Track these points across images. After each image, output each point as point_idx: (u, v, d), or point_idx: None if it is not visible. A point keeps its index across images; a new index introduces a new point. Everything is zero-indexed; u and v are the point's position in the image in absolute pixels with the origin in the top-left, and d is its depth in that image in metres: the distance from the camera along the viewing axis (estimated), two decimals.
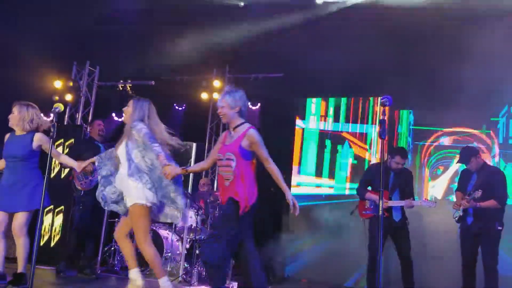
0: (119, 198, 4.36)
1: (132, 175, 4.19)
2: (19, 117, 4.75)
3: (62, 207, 7.27)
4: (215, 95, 8.48)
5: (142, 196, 4.15)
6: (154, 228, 6.99)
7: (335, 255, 7.20)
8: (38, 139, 4.75)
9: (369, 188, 5.90)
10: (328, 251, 7.35)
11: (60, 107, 4.34)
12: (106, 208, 4.44)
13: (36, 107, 4.87)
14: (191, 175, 6.97)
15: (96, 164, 4.51)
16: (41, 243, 7.15)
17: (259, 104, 8.48)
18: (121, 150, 4.31)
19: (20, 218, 4.58)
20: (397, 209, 5.70)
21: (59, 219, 7.33)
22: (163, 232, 6.98)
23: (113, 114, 8.48)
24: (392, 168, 5.73)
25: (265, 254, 7.40)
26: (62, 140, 7.60)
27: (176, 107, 9.03)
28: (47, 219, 7.30)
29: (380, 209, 3.65)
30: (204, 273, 6.55)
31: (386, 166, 5.72)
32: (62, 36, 8.04)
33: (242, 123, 4.01)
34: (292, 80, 8.08)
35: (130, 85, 8.47)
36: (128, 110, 4.42)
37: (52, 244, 7.29)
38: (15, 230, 4.58)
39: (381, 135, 3.66)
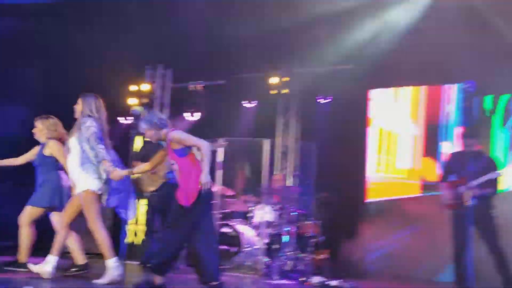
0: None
1: (82, 164, 4.66)
2: (40, 129, 5.28)
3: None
4: (284, 91, 8.50)
5: (90, 184, 4.63)
6: (231, 223, 7.12)
7: (421, 248, 7.02)
8: (49, 146, 5.19)
9: (451, 177, 5.70)
10: (413, 244, 7.18)
11: (139, 109, 4.60)
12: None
13: (55, 118, 5.34)
14: (265, 171, 7.05)
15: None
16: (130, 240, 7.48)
17: (329, 98, 8.41)
18: (73, 142, 4.75)
19: (27, 211, 5.11)
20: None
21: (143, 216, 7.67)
22: (241, 228, 7.09)
23: (184, 114, 8.70)
24: (467, 153, 5.47)
25: (346, 248, 7.40)
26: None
27: (246, 105, 9.13)
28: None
29: (462, 198, 3.53)
30: (284, 267, 6.62)
31: (464, 153, 5.51)
32: (135, 41, 8.40)
33: (166, 133, 4.45)
34: (361, 71, 7.96)
35: (202, 85, 8.65)
36: (78, 107, 4.86)
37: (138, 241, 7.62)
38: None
39: (465, 122, 3.54)
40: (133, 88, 8.71)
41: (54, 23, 8.79)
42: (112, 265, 4.62)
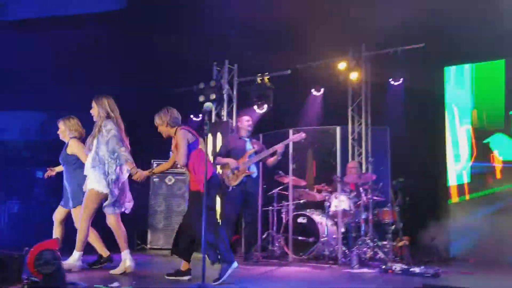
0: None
1: (94, 166, 4.94)
2: (62, 130, 5.55)
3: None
4: (353, 75, 8.31)
5: (96, 184, 4.94)
6: (307, 214, 7.08)
7: (508, 231, 6.66)
8: (70, 145, 5.45)
9: None
10: (499, 226, 6.82)
11: (209, 105, 4.66)
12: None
13: (75, 118, 5.57)
14: (338, 159, 6.93)
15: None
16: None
17: (401, 79, 8.11)
18: (92, 143, 5.02)
19: (73, 213, 5.42)
20: None
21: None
22: (317, 218, 7.03)
23: (255, 107, 8.72)
24: None
25: (427, 234, 7.14)
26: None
27: (315, 93, 9.01)
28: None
29: None
30: (364, 256, 6.51)
31: None
32: (201, 40, 8.54)
33: (175, 131, 4.88)
34: (435, 49, 7.61)
35: (268, 77, 8.63)
36: (94, 110, 5.08)
37: None
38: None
39: None
40: (202, 85, 8.85)
41: (126, 28, 9.15)
42: (76, 257, 5.04)
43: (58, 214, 5.57)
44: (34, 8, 11.93)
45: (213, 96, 8.69)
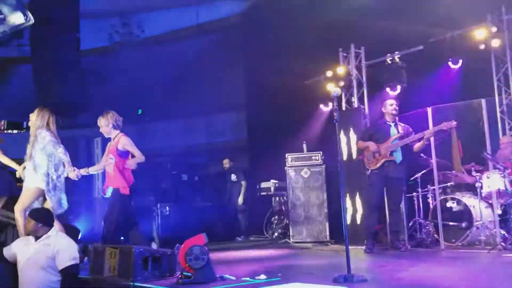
0: None
1: (34, 169, 5.32)
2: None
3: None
4: (495, 42, 7.52)
5: (35, 182, 5.28)
6: (457, 197, 6.56)
7: None
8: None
9: None
10: None
11: (338, 91, 4.55)
12: None
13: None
14: (486, 135, 6.35)
15: None
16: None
17: None
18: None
19: None
20: None
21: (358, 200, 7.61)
22: (468, 201, 6.48)
23: (387, 89, 8.31)
24: None
25: None
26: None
27: (452, 66, 8.31)
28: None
29: None
30: None
31: None
32: (325, 28, 8.41)
33: (117, 134, 5.67)
34: None
35: (399, 56, 8.16)
36: (32, 118, 5.47)
37: (358, 223, 7.57)
38: None
39: None
40: (329, 73, 8.70)
41: (248, 28, 9.37)
42: None
43: None
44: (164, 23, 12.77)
45: (341, 83, 8.47)
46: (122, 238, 5.61)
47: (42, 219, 4.65)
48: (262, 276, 4.40)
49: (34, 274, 4.48)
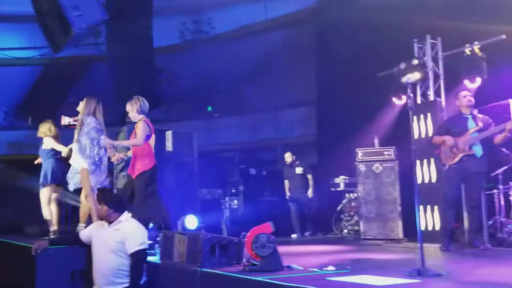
0: None
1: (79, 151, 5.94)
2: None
3: None
4: None
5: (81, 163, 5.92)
6: None
7: None
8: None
9: None
10: None
11: (413, 76, 4.34)
12: None
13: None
14: None
15: None
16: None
17: None
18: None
19: None
20: None
21: None
22: None
23: (465, 82, 7.86)
24: None
25: None
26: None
27: None
28: None
29: None
30: None
31: None
32: (397, 19, 8.12)
33: (140, 118, 5.94)
34: None
35: (478, 46, 7.70)
36: (81, 106, 6.09)
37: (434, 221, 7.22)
38: None
39: None
40: (403, 65, 8.35)
41: (322, 17, 9.24)
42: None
43: None
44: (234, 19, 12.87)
45: (417, 76, 8.12)
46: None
47: (113, 205, 4.78)
48: (331, 268, 4.27)
49: (106, 257, 4.61)
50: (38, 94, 15.19)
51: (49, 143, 6.89)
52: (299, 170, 9.54)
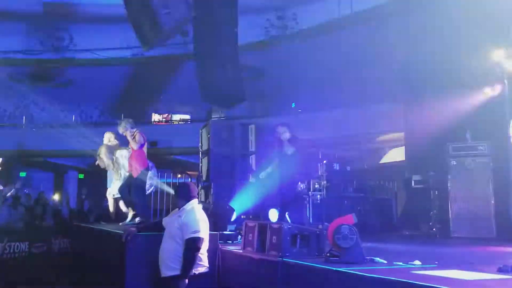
0: None
1: None
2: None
3: None
4: None
5: None
6: None
7: None
8: None
9: None
10: None
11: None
12: None
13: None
14: None
15: None
16: None
17: None
18: None
19: None
20: None
21: None
22: None
23: None
24: None
25: None
26: None
27: None
28: None
29: None
30: None
31: None
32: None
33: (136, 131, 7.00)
34: None
35: None
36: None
37: None
38: None
39: None
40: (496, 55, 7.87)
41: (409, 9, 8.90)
42: None
43: None
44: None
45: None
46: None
47: (179, 193, 4.99)
48: (417, 262, 4.09)
49: (168, 242, 4.78)
50: (130, 92, 15.99)
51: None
52: None
